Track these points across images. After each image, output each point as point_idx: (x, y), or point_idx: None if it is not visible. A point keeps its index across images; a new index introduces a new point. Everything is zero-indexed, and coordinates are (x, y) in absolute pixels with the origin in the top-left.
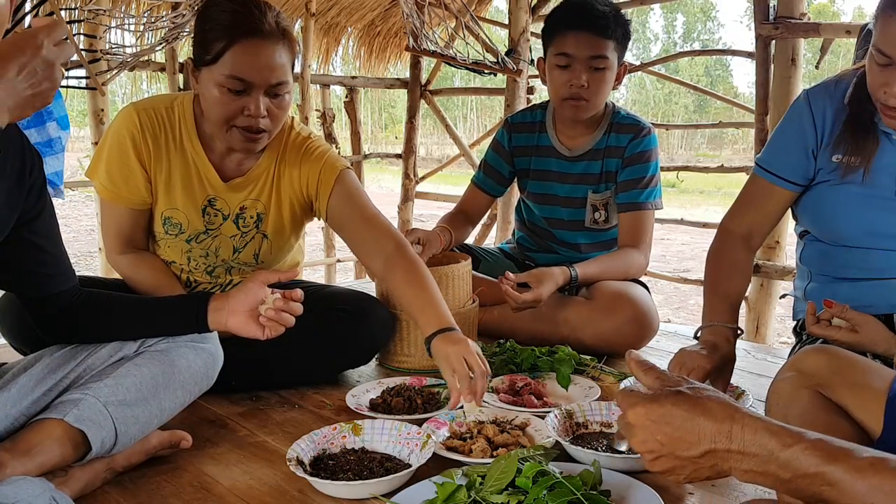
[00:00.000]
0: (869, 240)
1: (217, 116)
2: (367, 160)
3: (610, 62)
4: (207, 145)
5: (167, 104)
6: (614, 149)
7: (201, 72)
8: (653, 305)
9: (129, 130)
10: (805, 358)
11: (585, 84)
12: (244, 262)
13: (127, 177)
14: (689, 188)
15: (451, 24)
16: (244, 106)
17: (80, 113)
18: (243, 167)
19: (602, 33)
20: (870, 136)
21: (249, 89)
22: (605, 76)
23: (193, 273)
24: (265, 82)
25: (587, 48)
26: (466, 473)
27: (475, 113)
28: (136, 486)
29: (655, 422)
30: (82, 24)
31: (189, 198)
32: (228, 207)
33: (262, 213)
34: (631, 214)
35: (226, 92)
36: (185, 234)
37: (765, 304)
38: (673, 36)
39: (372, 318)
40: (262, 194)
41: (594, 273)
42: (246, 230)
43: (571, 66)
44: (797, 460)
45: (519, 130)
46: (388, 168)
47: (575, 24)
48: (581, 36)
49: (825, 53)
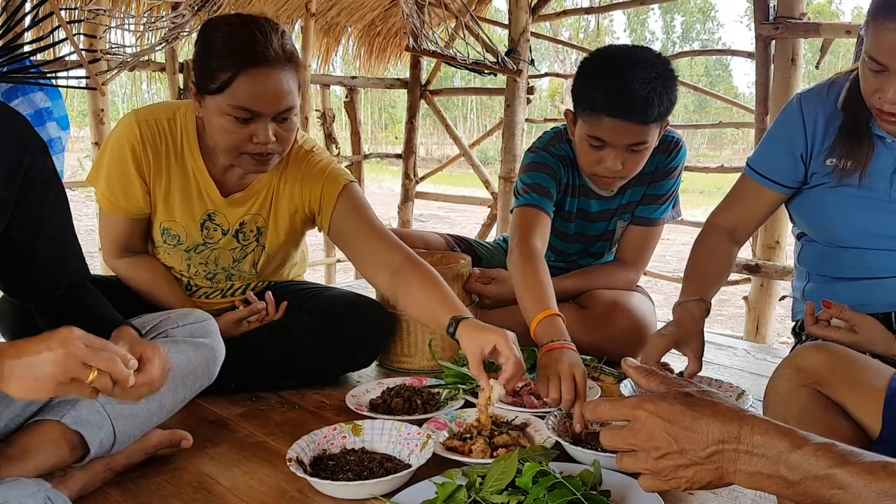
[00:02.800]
0: (865, 240)
1: (225, 145)
2: (367, 160)
3: (650, 143)
4: (209, 158)
5: (169, 115)
6: (658, 172)
7: (205, 99)
8: (650, 314)
9: (129, 141)
10: (803, 355)
11: (621, 167)
12: (244, 271)
13: (125, 188)
14: (689, 188)
15: (451, 24)
16: (252, 134)
17: (80, 113)
18: (244, 182)
19: (643, 120)
20: (864, 140)
21: (257, 117)
22: (643, 155)
23: (194, 279)
24: (273, 110)
25: (625, 136)
26: (466, 473)
27: (475, 113)
28: (136, 487)
29: (665, 419)
30: (82, 24)
31: (188, 211)
32: (228, 223)
33: (262, 227)
34: (641, 229)
35: (233, 121)
36: (183, 245)
37: (765, 304)
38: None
39: (373, 322)
40: (262, 209)
41: (570, 288)
42: (246, 244)
43: (605, 148)
44: (808, 462)
45: (563, 163)
46: (388, 168)
47: (612, 111)
48: (619, 124)
49: (825, 53)
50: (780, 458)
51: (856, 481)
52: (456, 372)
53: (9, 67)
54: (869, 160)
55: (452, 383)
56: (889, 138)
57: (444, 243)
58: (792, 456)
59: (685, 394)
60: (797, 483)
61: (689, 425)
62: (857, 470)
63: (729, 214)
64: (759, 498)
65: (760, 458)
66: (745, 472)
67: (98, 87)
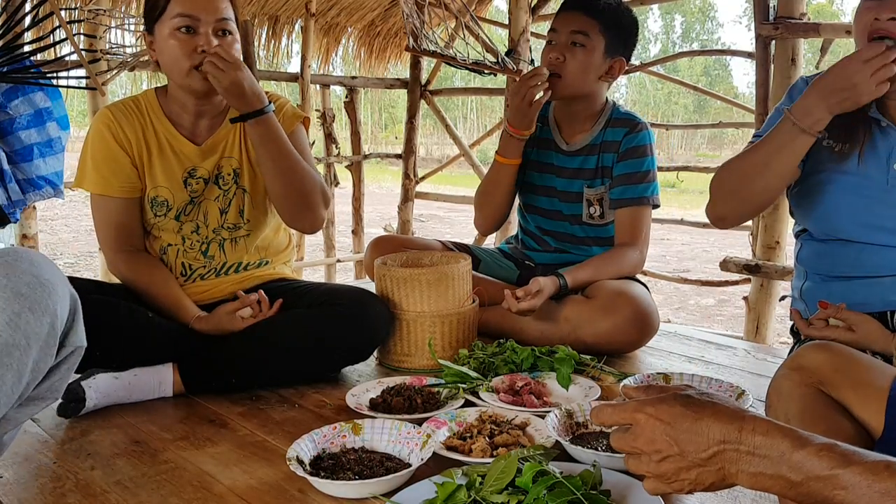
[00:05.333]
0: (862, 233)
1: (177, 62)
2: (367, 160)
3: (591, 42)
4: (175, 122)
5: (133, 98)
6: (610, 143)
7: (155, 33)
8: (653, 304)
9: (105, 125)
10: (805, 355)
11: (562, 57)
12: (233, 224)
13: (114, 166)
14: (689, 188)
15: (451, 25)
16: (197, 45)
17: (80, 113)
18: (212, 131)
19: (588, 12)
20: (860, 123)
21: (197, 26)
22: (583, 54)
23: (188, 253)
24: (211, 17)
25: (570, 23)
26: (466, 473)
27: (475, 113)
28: (136, 486)
29: (665, 421)
30: (82, 23)
31: (169, 172)
32: (207, 172)
33: (237, 168)
34: (627, 210)
35: (178, 35)
36: (172, 211)
37: (765, 304)
38: (672, 36)
39: (371, 313)
40: (233, 150)
41: (585, 278)
42: (226, 188)
43: (555, 42)
44: (810, 462)
45: None
46: (388, 168)
47: (566, 4)
48: (568, 13)
49: (825, 54)
50: (783, 458)
51: (859, 482)
52: (456, 371)
53: (9, 67)
54: (865, 143)
55: (452, 382)
56: (885, 121)
57: (442, 248)
58: (794, 456)
59: (685, 396)
60: (800, 484)
61: (690, 427)
62: (860, 470)
63: None
64: (759, 498)
65: (762, 459)
66: (747, 472)
67: (98, 88)
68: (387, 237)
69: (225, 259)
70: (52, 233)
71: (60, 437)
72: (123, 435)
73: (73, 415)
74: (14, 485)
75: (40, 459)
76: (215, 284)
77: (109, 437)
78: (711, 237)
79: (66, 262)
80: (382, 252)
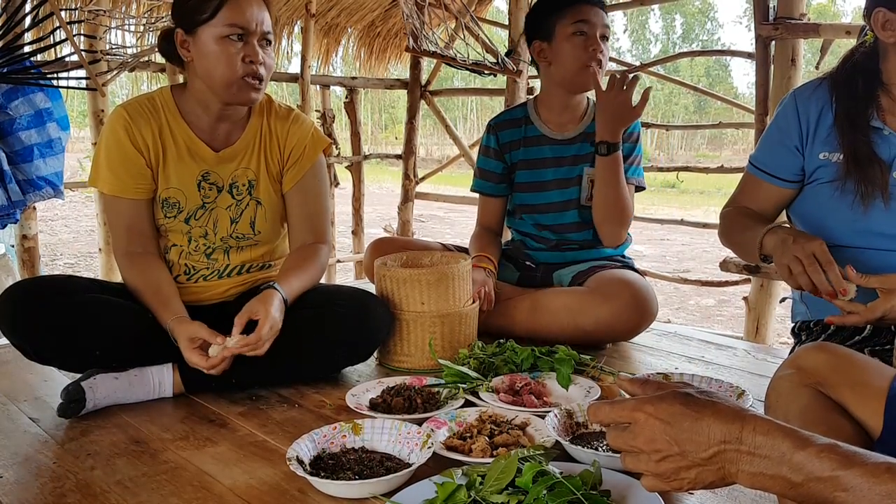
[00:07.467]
0: (859, 238)
1: (222, 72)
2: (367, 161)
3: (609, 40)
4: (192, 123)
5: (148, 96)
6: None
7: (197, 33)
8: (651, 290)
9: (120, 124)
10: (805, 355)
11: (602, 50)
12: (242, 234)
13: (128, 166)
14: (689, 188)
15: (450, 25)
16: (245, 54)
17: (81, 113)
18: (231, 138)
19: (603, 8)
20: (860, 132)
21: (247, 36)
22: (607, 51)
23: (192, 256)
24: (259, 29)
25: (600, 18)
26: (466, 473)
27: (475, 113)
28: (136, 486)
29: (665, 421)
30: (82, 24)
31: (183, 174)
32: (222, 179)
33: (253, 179)
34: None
35: (228, 42)
36: (183, 213)
37: (765, 304)
38: (672, 37)
39: (371, 313)
40: (251, 161)
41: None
42: (240, 198)
43: (588, 34)
44: (811, 463)
45: (503, 128)
46: (388, 169)
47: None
48: (592, 8)
49: (825, 54)
50: (783, 459)
51: (860, 484)
52: (456, 371)
53: (9, 68)
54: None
55: (452, 382)
56: (887, 130)
57: (442, 250)
58: (795, 457)
59: (685, 394)
60: (800, 484)
61: (690, 426)
62: (861, 472)
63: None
64: (760, 498)
65: (763, 459)
66: (747, 472)
67: (98, 88)
68: (386, 239)
69: (228, 262)
70: (51, 233)
71: (60, 437)
72: (123, 435)
73: (73, 415)
74: (14, 485)
75: (40, 459)
76: (217, 285)
77: (109, 437)
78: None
79: (66, 262)
80: (382, 254)
